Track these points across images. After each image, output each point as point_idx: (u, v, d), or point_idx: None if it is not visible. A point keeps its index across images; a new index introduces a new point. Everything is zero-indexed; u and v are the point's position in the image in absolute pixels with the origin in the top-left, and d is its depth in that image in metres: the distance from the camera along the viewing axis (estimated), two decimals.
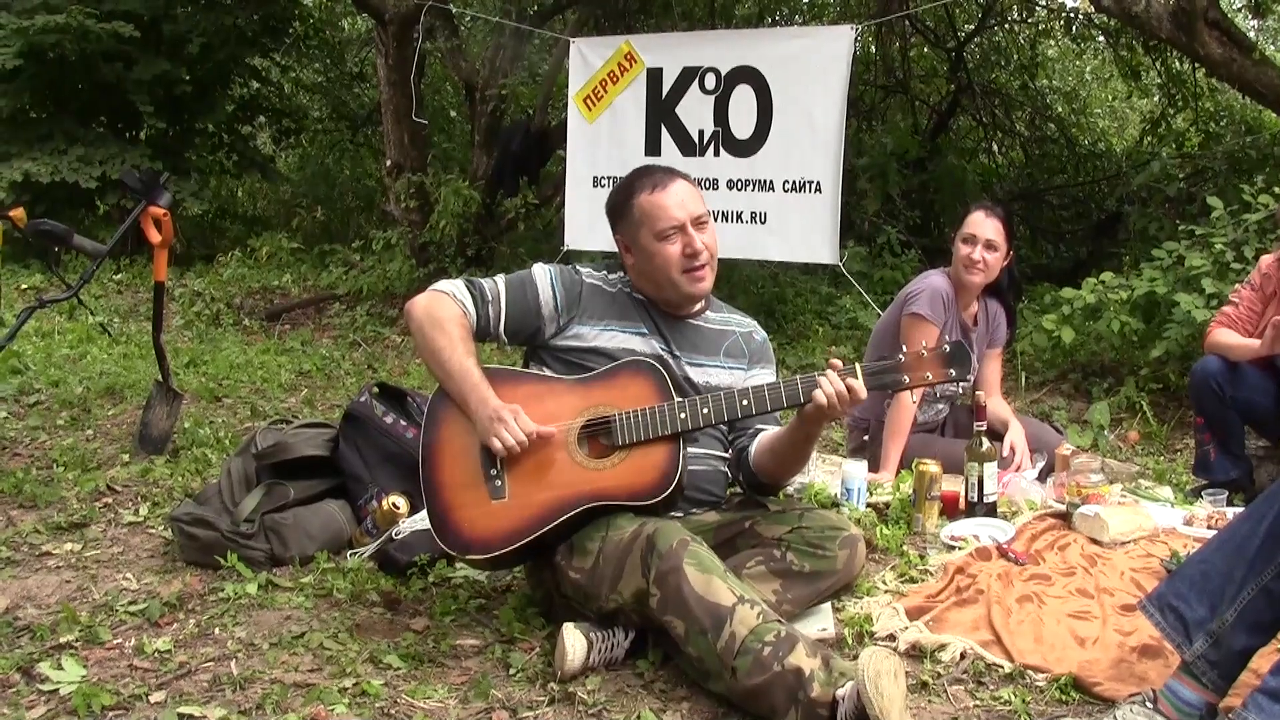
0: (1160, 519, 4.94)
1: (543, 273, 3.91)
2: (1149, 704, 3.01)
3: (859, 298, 9.51)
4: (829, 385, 3.55)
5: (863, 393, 3.58)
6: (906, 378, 3.66)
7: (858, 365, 3.64)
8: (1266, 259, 5.60)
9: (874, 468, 5.45)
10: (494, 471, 3.62)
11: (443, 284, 3.86)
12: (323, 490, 4.74)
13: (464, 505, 3.64)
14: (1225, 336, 5.42)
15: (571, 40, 10.00)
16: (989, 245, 5.51)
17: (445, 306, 3.77)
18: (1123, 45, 13.59)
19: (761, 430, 3.96)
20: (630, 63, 9.48)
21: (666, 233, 3.84)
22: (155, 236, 5.87)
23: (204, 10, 13.26)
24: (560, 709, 3.27)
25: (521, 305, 3.84)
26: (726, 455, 4.08)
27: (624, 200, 3.95)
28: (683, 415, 3.63)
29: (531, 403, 3.67)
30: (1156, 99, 14.42)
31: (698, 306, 4.03)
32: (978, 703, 3.35)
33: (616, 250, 4.06)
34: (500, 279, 3.91)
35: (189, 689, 3.39)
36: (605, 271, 4.00)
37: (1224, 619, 2.97)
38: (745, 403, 3.66)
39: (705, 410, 3.64)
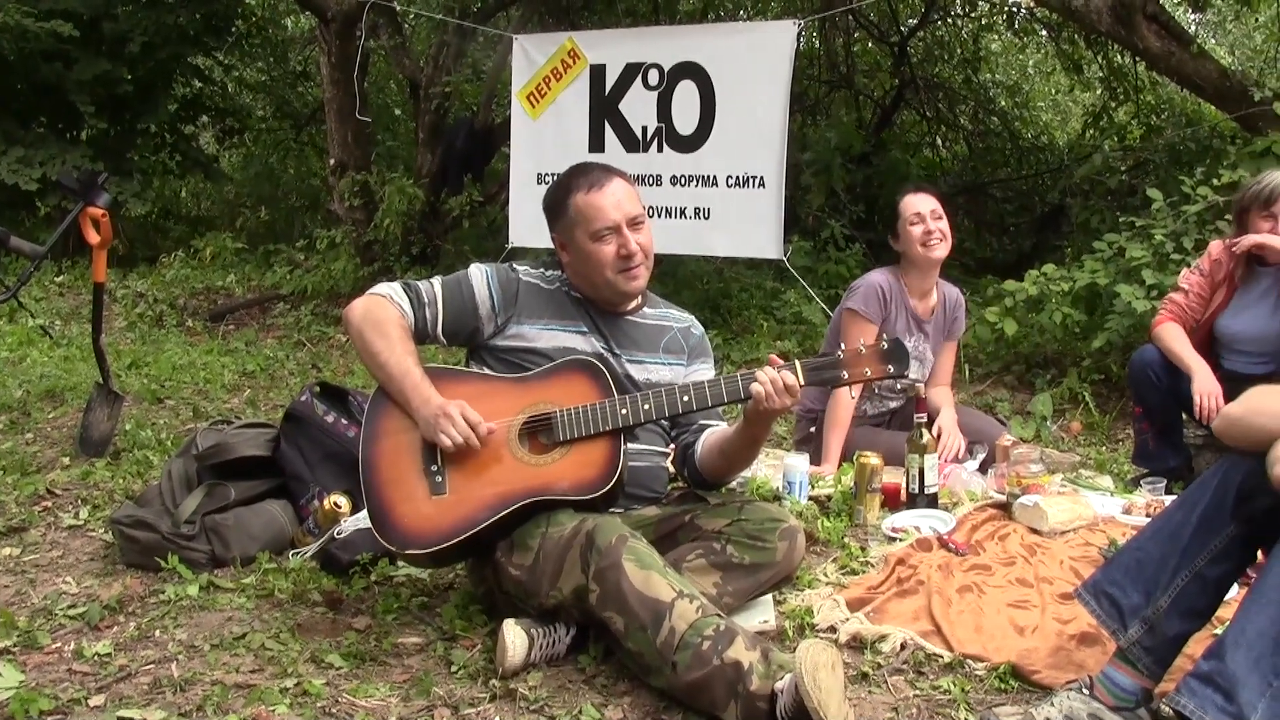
0: (1099, 508, 4.98)
1: (479, 273, 3.90)
2: (1085, 691, 3.04)
3: (804, 292, 9.54)
4: (766, 380, 3.58)
5: (798, 386, 3.61)
6: (845, 374, 3.68)
7: (796, 361, 3.66)
8: (1217, 244, 5.66)
9: (819, 460, 5.48)
10: (434, 467, 3.62)
11: (379, 287, 3.85)
12: (264, 490, 4.72)
13: (404, 501, 3.63)
14: (1172, 340, 5.48)
15: (515, 37, 10.00)
16: (935, 214, 5.55)
17: (383, 309, 3.76)
18: (1064, 39, 13.70)
19: (707, 426, 3.99)
20: (573, 59, 9.49)
21: (602, 233, 3.84)
22: (94, 237, 5.83)
23: (145, 9, 13.15)
24: (502, 705, 3.27)
25: (459, 306, 3.84)
26: (668, 451, 4.10)
27: (560, 199, 3.95)
28: (624, 411, 3.64)
29: (472, 401, 3.66)
30: (1098, 92, 14.51)
31: (635, 303, 4.03)
32: (918, 693, 3.36)
33: None
34: (436, 281, 3.90)
35: (129, 692, 3.36)
36: (543, 269, 3.99)
37: (1158, 605, 2.99)
38: (686, 399, 3.67)
39: (646, 406, 3.65)
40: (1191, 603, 3.01)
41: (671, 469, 4.17)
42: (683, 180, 9.08)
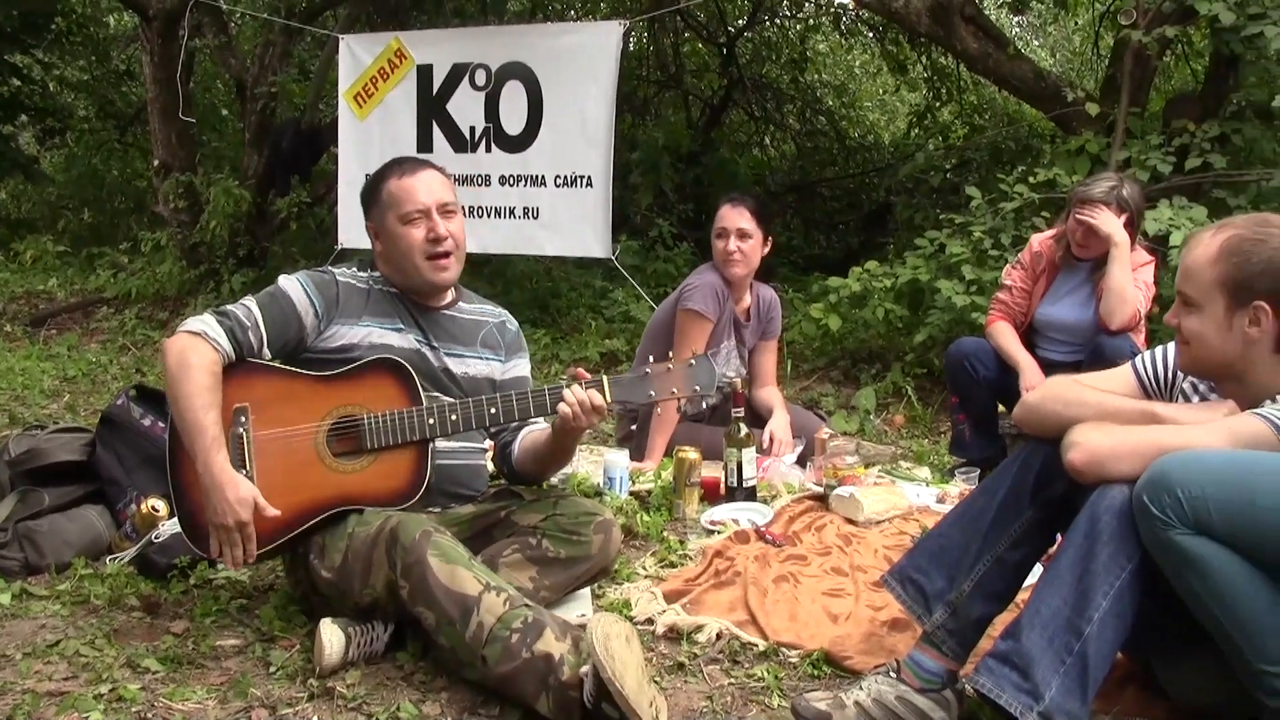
0: (914, 498, 5.11)
1: (291, 283, 3.84)
2: (893, 674, 3.10)
3: (632, 291, 9.59)
4: (573, 399, 3.61)
5: (604, 406, 3.65)
6: (653, 392, 3.71)
7: (604, 378, 3.68)
8: (1039, 237, 5.85)
9: (641, 456, 5.54)
10: (243, 471, 3.57)
11: (192, 323, 3.70)
12: (80, 496, 4.64)
13: None
14: (1002, 338, 5.68)
15: (341, 37, 9.95)
16: (741, 234, 5.59)
17: (196, 352, 3.61)
18: (889, 40, 13.92)
19: (525, 425, 4.01)
20: (400, 59, 9.48)
21: (411, 216, 3.85)
22: None
23: None
24: (320, 705, 3.26)
25: (281, 321, 3.76)
26: (486, 448, 4.12)
27: (375, 186, 3.97)
28: (431, 422, 3.65)
29: (279, 402, 3.65)
30: (923, 92, 14.76)
31: (449, 298, 4.03)
32: (732, 681, 3.41)
33: None
34: (251, 301, 3.80)
35: None
36: (356, 269, 3.97)
37: (961, 590, 3.07)
38: (494, 411, 3.69)
39: (454, 418, 3.66)
40: (993, 586, 3.09)
41: (491, 466, 4.19)
42: (511, 180, 9.11)
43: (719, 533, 4.64)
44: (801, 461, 5.56)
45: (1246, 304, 2.86)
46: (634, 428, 5.76)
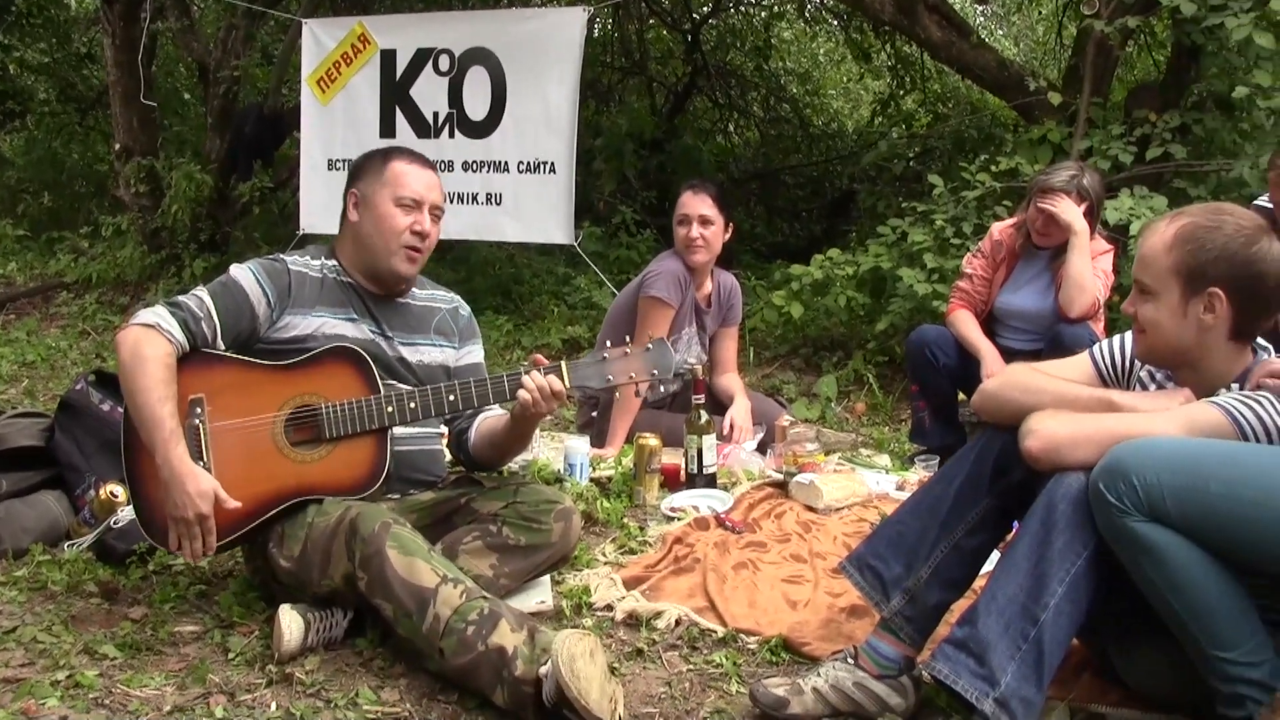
0: (874, 485, 5.14)
1: (243, 272, 3.81)
2: (851, 660, 3.12)
3: (595, 277, 9.59)
4: (532, 384, 3.61)
5: (564, 391, 3.65)
6: (611, 377, 3.71)
7: (563, 364, 3.69)
8: (999, 225, 5.87)
9: (603, 443, 5.54)
10: (200, 463, 3.56)
11: (144, 315, 3.67)
12: (38, 481, 4.62)
13: None
14: (964, 326, 5.71)
15: (304, 21, 9.90)
16: (703, 221, 5.61)
17: (150, 344, 3.58)
18: (854, 28, 13.90)
19: (481, 411, 4.00)
20: (364, 44, 9.44)
21: (406, 200, 3.86)
22: None
23: None
24: (278, 690, 3.26)
25: (234, 311, 3.74)
26: (443, 433, 4.12)
27: (378, 158, 3.97)
28: (390, 410, 3.65)
29: (235, 391, 3.63)
30: (887, 80, 14.77)
31: (404, 285, 4.02)
32: (691, 667, 3.43)
33: None
34: (203, 291, 3.77)
35: None
36: (309, 257, 3.94)
37: (919, 576, 3.09)
38: (452, 398, 3.69)
39: (413, 405, 3.66)
40: (950, 573, 3.11)
41: (448, 453, 4.19)
42: (474, 166, 9.10)
43: (679, 519, 4.66)
44: (762, 448, 5.58)
45: (1201, 291, 2.89)
46: (595, 414, 5.77)
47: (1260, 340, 3.06)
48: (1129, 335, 3.19)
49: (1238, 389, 2.94)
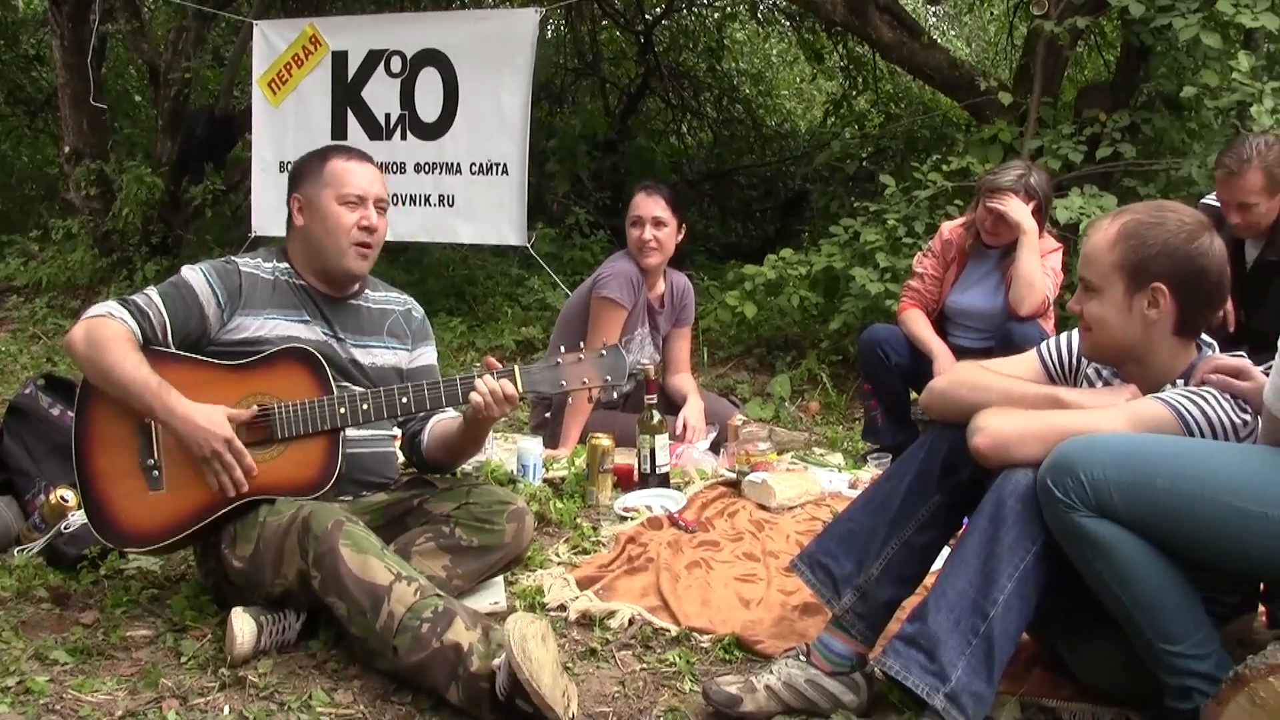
0: (827, 484, 5.16)
1: (194, 273, 3.79)
2: (803, 657, 3.13)
3: (548, 279, 9.58)
4: (484, 389, 3.61)
5: (517, 395, 3.66)
6: (564, 382, 3.71)
7: (516, 368, 3.69)
8: (949, 225, 5.91)
9: (556, 444, 5.54)
10: (151, 462, 3.56)
11: (95, 309, 3.68)
12: None
13: (120, 497, 3.59)
14: (915, 325, 5.75)
15: (255, 23, 9.85)
16: (657, 223, 5.62)
17: (106, 328, 3.58)
18: (806, 28, 13.93)
19: (434, 413, 3.99)
20: (315, 46, 9.41)
21: (350, 198, 3.84)
22: None
23: None
24: (231, 694, 3.24)
25: (184, 311, 3.72)
26: (396, 434, 4.11)
27: (316, 160, 3.94)
28: (342, 411, 3.64)
29: (188, 389, 3.58)
30: (840, 81, 14.81)
31: (356, 287, 4.01)
32: (644, 666, 3.44)
33: None
34: (152, 290, 3.76)
35: None
36: (261, 259, 3.92)
37: (870, 574, 3.11)
38: (405, 400, 3.68)
39: (365, 407, 3.65)
40: (901, 570, 3.13)
41: (401, 455, 4.18)
42: (426, 168, 9.08)
43: (632, 519, 4.67)
44: (715, 448, 5.60)
45: (1145, 286, 2.92)
46: (548, 415, 5.77)
47: (1204, 337, 3.09)
48: (1076, 332, 3.21)
49: (1183, 385, 2.97)
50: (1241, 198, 5.11)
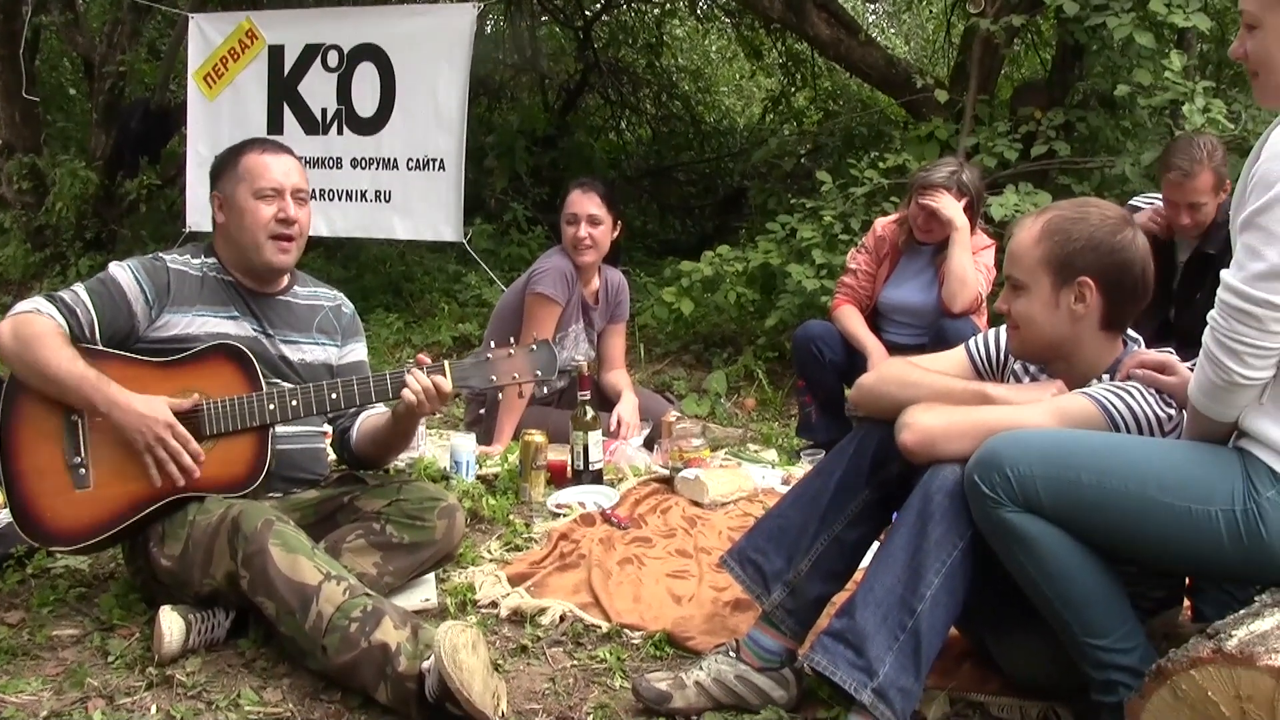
0: (760, 480, 5.17)
1: (122, 269, 3.75)
2: (732, 653, 3.14)
3: (486, 275, 9.56)
4: (415, 384, 3.61)
5: (449, 390, 3.65)
6: (495, 377, 3.70)
7: (446, 363, 3.68)
8: (882, 221, 5.94)
9: (491, 440, 5.53)
10: (78, 459, 3.52)
11: (21, 305, 3.64)
12: None
13: (46, 494, 3.54)
14: (849, 322, 5.78)
15: (191, 16, 9.79)
16: (592, 220, 5.61)
17: (33, 324, 3.54)
18: (745, 25, 13.96)
19: (363, 409, 3.98)
20: (251, 39, 9.37)
21: (265, 192, 3.81)
22: None
23: None
24: (159, 693, 3.22)
25: (112, 308, 3.68)
26: (326, 431, 4.10)
27: (231, 157, 3.92)
28: (271, 407, 3.61)
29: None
30: (779, 78, 14.85)
31: (284, 283, 3.99)
32: (575, 663, 3.44)
33: None
34: (79, 287, 3.72)
35: None
36: (189, 256, 3.89)
37: (799, 569, 3.12)
38: (335, 396, 3.66)
39: (294, 403, 3.63)
40: (831, 565, 3.14)
41: (331, 452, 4.16)
42: (363, 163, 9.05)
43: (565, 516, 4.66)
44: (649, 444, 5.60)
45: (1071, 281, 2.95)
46: (483, 411, 5.75)
47: (1131, 332, 3.12)
48: (1004, 328, 3.23)
49: (1109, 380, 3.00)
50: (1193, 198, 5.16)
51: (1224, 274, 2.54)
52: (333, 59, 9.15)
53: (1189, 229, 5.25)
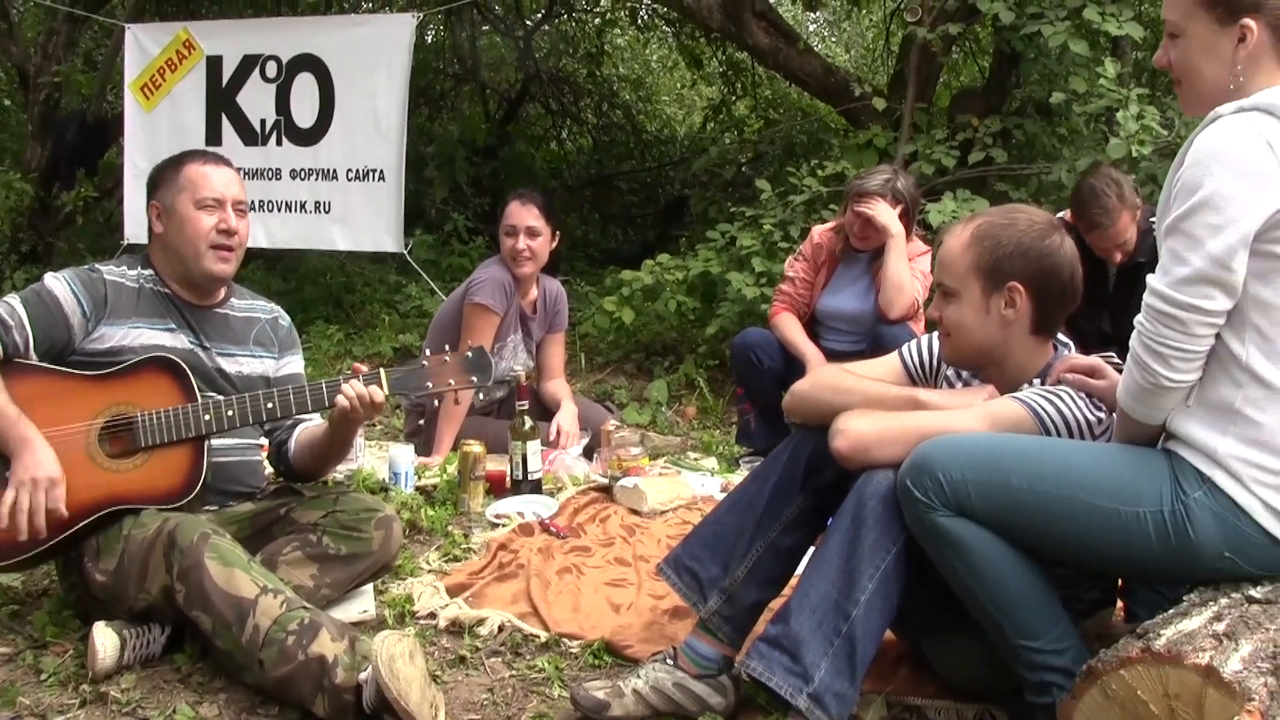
0: (699, 488, 5.19)
1: (57, 281, 3.72)
2: (670, 661, 3.14)
3: (426, 285, 9.55)
4: (351, 392, 3.61)
5: (384, 398, 3.65)
6: (430, 384, 3.71)
7: (382, 371, 3.68)
8: (819, 229, 5.98)
9: (430, 451, 5.52)
10: (8, 474, 3.46)
11: None
12: None
13: None
14: (788, 330, 5.80)
15: (127, 26, 9.72)
16: (530, 232, 5.61)
17: None
18: (685, 34, 13.98)
19: (300, 421, 3.98)
20: (189, 50, 9.31)
21: (207, 202, 3.80)
22: None
23: None
24: (93, 710, 3.19)
25: (48, 320, 3.64)
26: (262, 443, 4.07)
27: (171, 166, 3.90)
28: (207, 418, 3.59)
29: (47, 401, 3.53)
30: (719, 86, 14.90)
31: (221, 295, 3.97)
32: (514, 673, 3.44)
33: None
34: (14, 299, 3.67)
35: None
36: (125, 267, 3.86)
37: (735, 576, 3.13)
38: (270, 405, 3.65)
39: (230, 413, 3.61)
40: (767, 572, 3.15)
41: (268, 464, 4.15)
42: (302, 174, 9.02)
43: (504, 526, 4.66)
44: (588, 453, 5.61)
45: (1001, 286, 2.98)
46: (422, 422, 5.74)
47: (1061, 337, 3.15)
48: (936, 335, 3.26)
49: (1039, 384, 3.03)
50: (1118, 240, 5.27)
51: (1149, 279, 2.56)
52: (271, 70, 9.11)
53: (1119, 259, 5.33)
